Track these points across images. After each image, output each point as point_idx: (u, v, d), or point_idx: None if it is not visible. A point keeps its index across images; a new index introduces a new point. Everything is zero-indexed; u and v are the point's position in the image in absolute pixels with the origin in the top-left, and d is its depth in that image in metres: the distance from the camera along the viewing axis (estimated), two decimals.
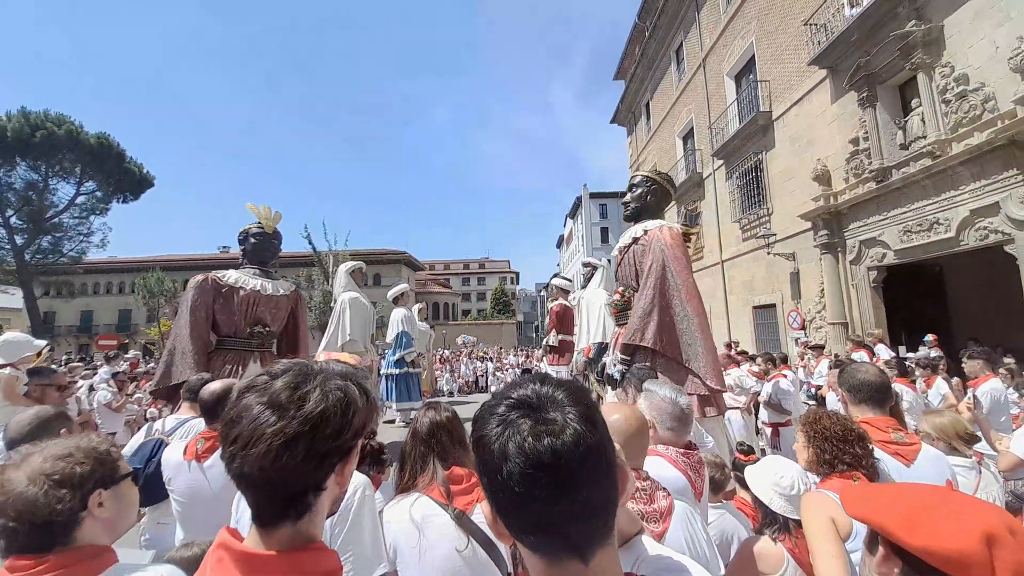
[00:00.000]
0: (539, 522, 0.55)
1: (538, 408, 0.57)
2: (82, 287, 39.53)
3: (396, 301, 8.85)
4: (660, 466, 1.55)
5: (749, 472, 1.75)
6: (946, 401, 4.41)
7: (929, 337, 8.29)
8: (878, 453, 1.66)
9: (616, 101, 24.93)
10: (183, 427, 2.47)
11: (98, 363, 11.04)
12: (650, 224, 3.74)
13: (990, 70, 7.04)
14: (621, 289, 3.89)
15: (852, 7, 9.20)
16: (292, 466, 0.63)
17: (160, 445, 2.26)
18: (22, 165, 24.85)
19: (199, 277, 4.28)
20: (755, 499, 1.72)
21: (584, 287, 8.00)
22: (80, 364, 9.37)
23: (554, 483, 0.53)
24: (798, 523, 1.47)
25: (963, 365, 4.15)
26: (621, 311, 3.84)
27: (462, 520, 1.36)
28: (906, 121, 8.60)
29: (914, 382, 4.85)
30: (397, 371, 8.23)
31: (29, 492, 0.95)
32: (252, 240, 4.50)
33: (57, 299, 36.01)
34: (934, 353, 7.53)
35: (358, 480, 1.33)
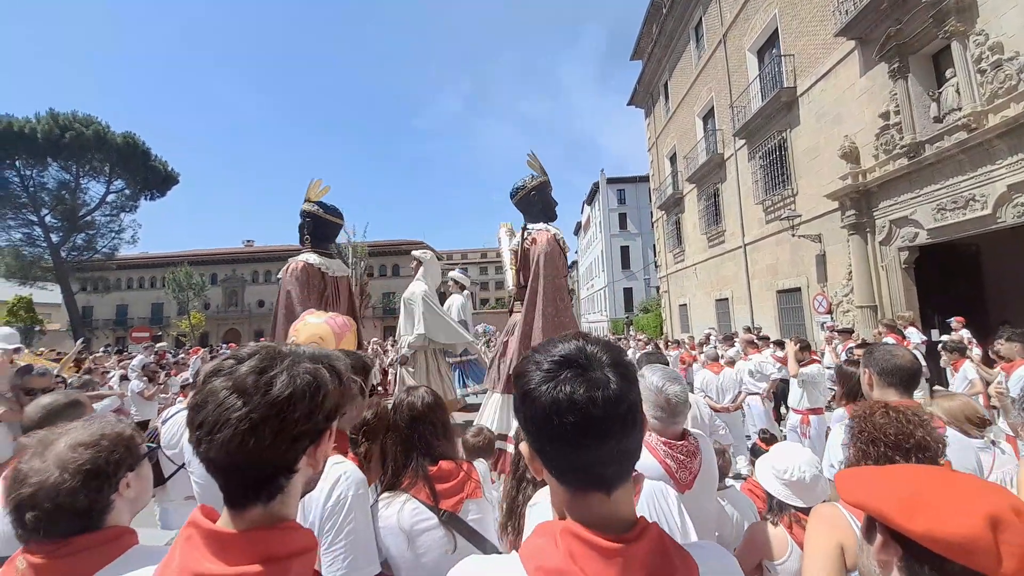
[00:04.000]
0: (581, 464, 0.63)
1: (586, 366, 0.64)
2: (116, 282, 41.15)
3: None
4: None
5: (759, 460, 1.71)
6: (972, 387, 4.23)
7: (954, 320, 7.92)
8: None
9: (633, 82, 24.35)
10: (172, 419, 2.54)
11: (133, 354, 11.52)
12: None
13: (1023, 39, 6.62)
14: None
15: None
16: (259, 450, 0.62)
17: (154, 433, 2.34)
18: (54, 165, 25.83)
19: (297, 265, 3.94)
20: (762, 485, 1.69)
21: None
22: (103, 354, 9.77)
23: (600, 432, 0.61)
24: (799, 508, 1.44)
25: (998, 347, 3.96)
26: None
27: (452, 523, 1.33)
28: (940, 93, 8.16)
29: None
30: (457, 359, 8.33)
31: (64, 482, 0.94)
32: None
33: (93, 294, 37.46)
34: (966, 335, 7.21)
35: (354, 476, 1.25)
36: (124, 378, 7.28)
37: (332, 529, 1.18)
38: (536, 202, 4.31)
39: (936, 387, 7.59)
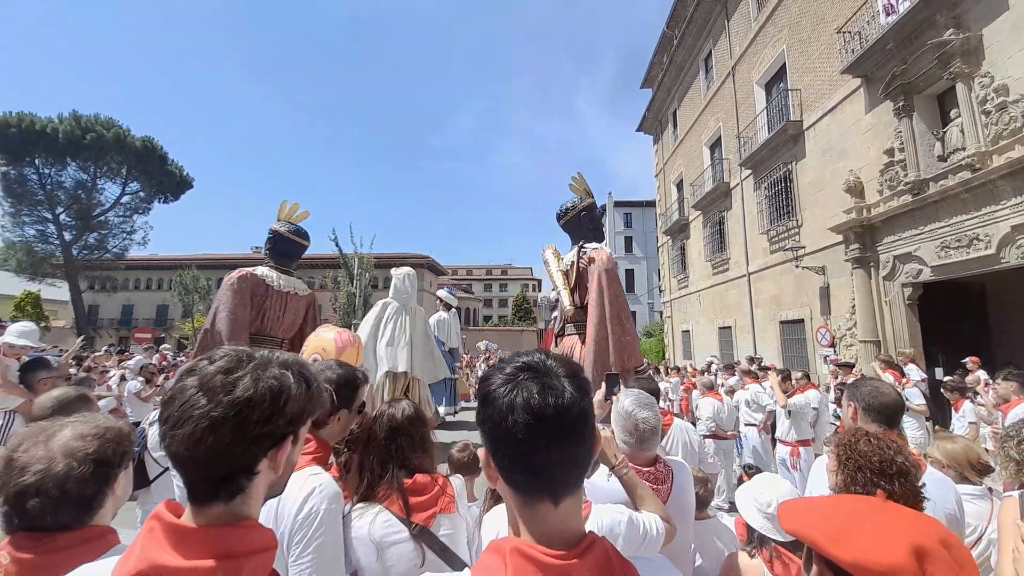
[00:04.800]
0: (530, 466, 0.65)
1: (544, 373, 0.68)
2: (124, 282, 41.49)
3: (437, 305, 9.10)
4: (600, 475, 1.55)
5: (739, 491, 1.71)
6: (973, 430, 4.18)
7: (969, 360, 7.78)
8: None
9: (643, 109, 24.75)
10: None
11: (133, 354, 11.57)
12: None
13: None
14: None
15: (888, 15, 8.90)
16: (217, 449, 0.64)
17: (142, 434, 2.34)
18: (72, 165, 26.41)
19: (236, 273, 4.20)
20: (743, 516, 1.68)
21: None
22: (103, 354, 9.84)
23: (551, 435, 0.64)
24: (779, 542, 1.42)
25: (996, 387, 3.92)
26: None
27: (423, 537, 1.32)
28: (944, 132, 8.24)
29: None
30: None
31: (73, 469, 0.95)
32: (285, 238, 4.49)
33: (101, 293, 37.81)
34: (983, 376, 7.09)
35: (328, 490, 1.26)
36: (123, 378, 7.31)
37: (301, 541, 1.18)
38: (585, 223, 4.31)
39: (937, 427, 7.46)
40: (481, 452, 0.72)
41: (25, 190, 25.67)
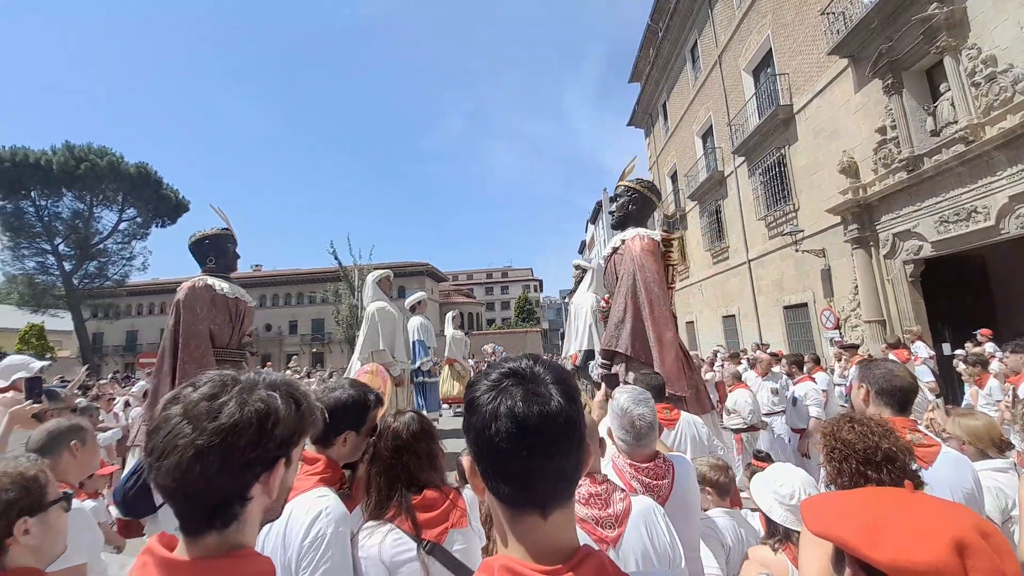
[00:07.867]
0: (514, 475, 0.63)
1: (531, 380, 0.66)
2: (127, 308, 41.56)
3: (413, 310, 9.01)
4: (606, 471, 1.53)
5: (753, 481, 1.68)
6: (999, 406, 4.07)
7: (980, 333, 7.60)
8: None
9: (632, 104, 24.77)
10: None
11: (134, 380, 11.55)
12: (628, 233, 3.84)
13: (1017, 51, 6.70)
14: (607, 297, 3.94)
15: None
16: (206, 477, 0.62)
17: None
18: (68, 195, 26.46)
19: (190, 285, 3.90)
20: (761, 509, 1.65)
21: (574, 291, 7.96)
22: (107, 381, 9.83)
23: (534, 444, 0.61)
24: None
25: (1003, 360, 3.88)
26: (607, 317, 3.88)
27: (435, 553, 1.29)
28: (935, 106, 8.21)
29: None
30: (415, 380, 8.45)
31: None
32: (230, 246, 4.17)
33: (104, 321, 37.82)
34: (990, 348, 6.99)
35: (335, 513, 1.24)
36: (128, 404, 7.29)
37: (308, 566, 1.16)
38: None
39: (949, 405, 7.41)
40: (465, 460, 0.69)
41: (23, 223, 25.74)
